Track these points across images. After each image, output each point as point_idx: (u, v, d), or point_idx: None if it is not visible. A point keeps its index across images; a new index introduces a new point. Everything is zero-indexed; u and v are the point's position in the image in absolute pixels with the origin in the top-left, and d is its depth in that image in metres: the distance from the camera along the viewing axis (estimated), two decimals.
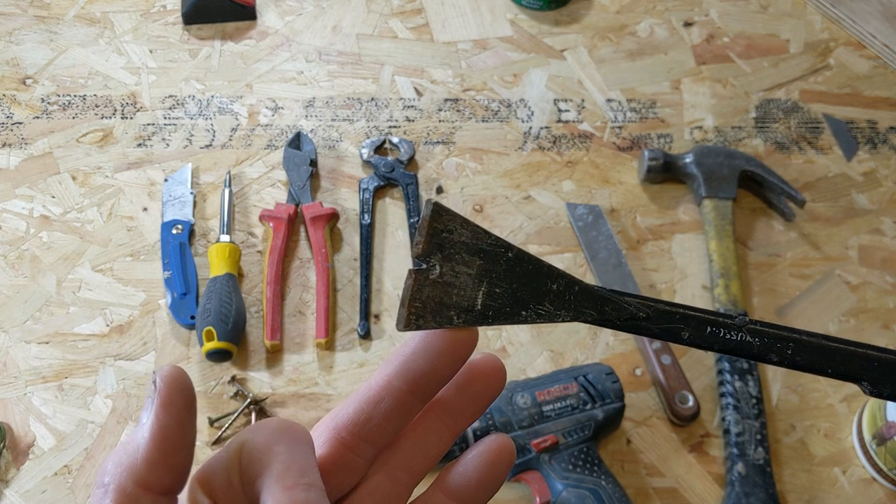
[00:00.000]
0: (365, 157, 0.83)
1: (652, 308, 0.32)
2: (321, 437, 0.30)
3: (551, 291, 0.31)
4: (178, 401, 0.27)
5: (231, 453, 0.28)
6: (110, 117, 0.86)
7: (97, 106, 0.86)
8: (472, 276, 0.30)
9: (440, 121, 0.87)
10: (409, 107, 0.88)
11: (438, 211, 0.30)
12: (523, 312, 0.31)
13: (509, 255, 0.31)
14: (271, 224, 0.77)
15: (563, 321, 0.31)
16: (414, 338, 0.30)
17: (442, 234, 0.30)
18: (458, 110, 0.88)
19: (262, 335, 0.73)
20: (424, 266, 0.30)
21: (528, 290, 0.31)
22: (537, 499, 0.64)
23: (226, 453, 0.28)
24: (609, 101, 0.89)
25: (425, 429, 0.31)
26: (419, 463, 0.31)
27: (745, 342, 0.32)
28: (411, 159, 0.83)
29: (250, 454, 0.27)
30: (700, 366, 0.74)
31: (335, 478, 0.30)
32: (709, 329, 0.32)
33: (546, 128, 0.87)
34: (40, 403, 0.70)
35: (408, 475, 0.31)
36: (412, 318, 0.29)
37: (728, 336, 0.32)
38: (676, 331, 0.32)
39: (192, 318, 0.73)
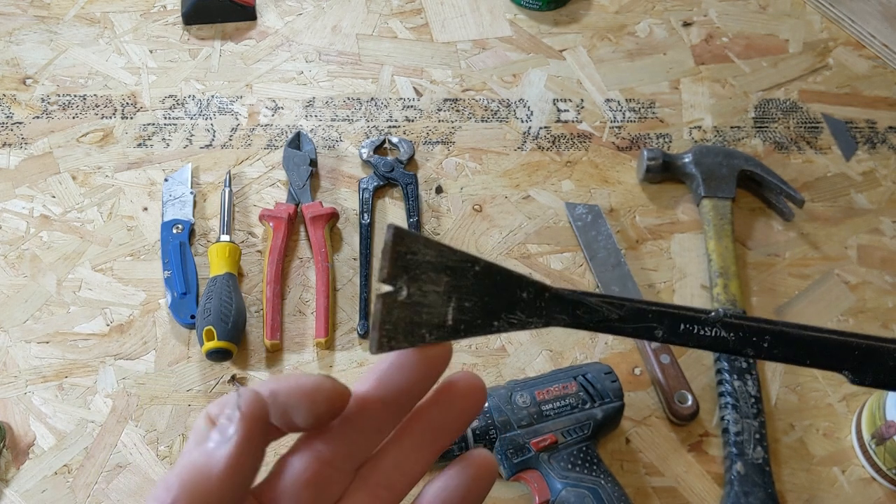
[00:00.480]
0: (365, 156, 0.83)
1: (625, 308, 0.32)
2: (301, 454, 0.30)
3: (521, 300, 0.31)
4: (259, 433, 0.28)
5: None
6: (110, 117, 0.86)
7: (97, 106, 0.86)
8: (441, 293, 0.30)
9: (440, 121, 0.87)
10: (408, 107, 0.88)
11: (399, 234, 0.30)
12: (495, 323, 0.31)
13: (476, 268, 0.31)
14: (271, 224, 0.77)
15: (536, 327, 0.32)
16: (389, 355, 0.30)
17: (406, 256, 0.30)
18: (457, 110, 0.88)
19: (262, 335, 0.73)
20: (392, 289, 0.30)
21: (497, 301, 0.31)
22: (536, 498, 0.65)
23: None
24: (608, 100, 0.89)
25: (407, 447, 0.31)
26: (400, 481, 0.31)
27: (720, 337, 0.32)
28: (411, 159, 0.83)
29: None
30: (699, 365, 0.74)
31: (316, 494, 0.30)
32: (682, 326, 0.32)
33: (545, 128, 0.87)
34: (40, 403, 0.70)
35: (389, 493, 0.31)
36: (384, 340, 0.29)
37: (702, 332, 0.32)
38: (650, 329, 0.32)
39: (192, 317, 0.73)
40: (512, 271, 0.31)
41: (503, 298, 0.31)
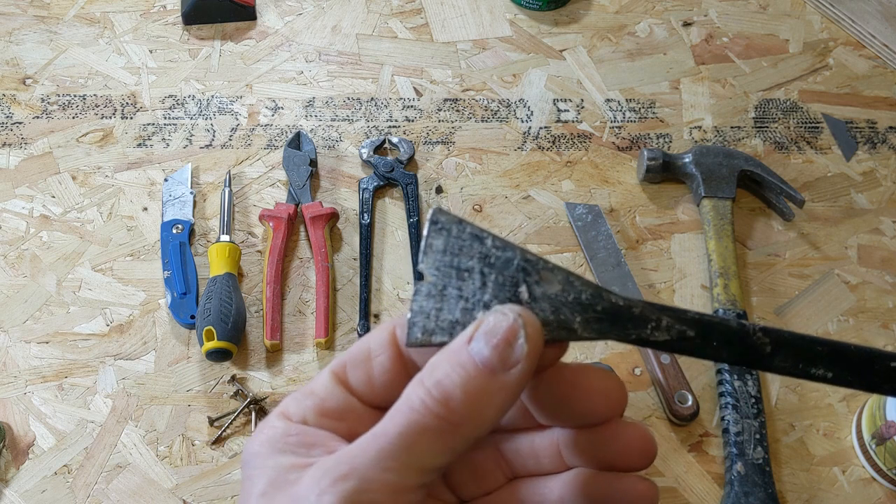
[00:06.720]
0: (365, 156, 0.83)
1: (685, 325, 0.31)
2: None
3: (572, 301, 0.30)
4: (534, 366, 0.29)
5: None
6: (110, 117, 0.86)
7: (97, 106, 0.86)
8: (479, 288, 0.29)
9: (440, 121, 0.87)
10: (408, 107, 0.88)
11: (438, 216, 0.29)
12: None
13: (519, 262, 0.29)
14: (271, 224, 0.77)
15: (591, 339, 0.30)
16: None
17: (449, 240, 0.29)
18: (457, 110, 0.88)
19: (262, 335, 0.73)
20: (432, 277, 0.29)
21: (545, 302, 0.29)
22: None
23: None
24: (608, 101, 0.89)
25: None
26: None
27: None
28: (411, 159, 0.83)
29: None
30: (699, 365, 0.74)
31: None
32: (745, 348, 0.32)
33: (545, 128, 0.87)
34: (40, 403, 0.70)
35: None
36: (417, 331, 0.28)
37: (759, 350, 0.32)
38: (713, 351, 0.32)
39: (192, 317, 0.73)
40: (560, 267, 0.31)
41: (551, 299, 0.30)
